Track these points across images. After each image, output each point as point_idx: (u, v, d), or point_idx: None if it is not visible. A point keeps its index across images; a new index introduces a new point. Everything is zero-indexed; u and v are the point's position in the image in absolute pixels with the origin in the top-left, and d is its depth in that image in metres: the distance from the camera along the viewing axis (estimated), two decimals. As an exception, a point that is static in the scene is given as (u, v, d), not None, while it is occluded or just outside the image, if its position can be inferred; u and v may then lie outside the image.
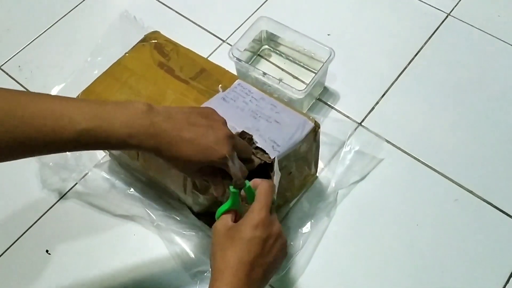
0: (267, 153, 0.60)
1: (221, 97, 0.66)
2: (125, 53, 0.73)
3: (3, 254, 0.76)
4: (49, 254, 0.76)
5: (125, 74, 0.70)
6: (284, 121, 0.64)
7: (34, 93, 0.50)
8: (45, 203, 0.80)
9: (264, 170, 0.60)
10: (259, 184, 0.53)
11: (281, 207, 0.76)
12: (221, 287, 0.47)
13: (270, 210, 0.52)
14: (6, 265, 0.75)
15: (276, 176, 0.58)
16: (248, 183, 0.53)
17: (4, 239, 0.77)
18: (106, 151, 0.81)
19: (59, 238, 0.77)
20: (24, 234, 0.78)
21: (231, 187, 0.52)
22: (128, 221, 0.77)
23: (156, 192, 0.78)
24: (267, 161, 0.60)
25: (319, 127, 0.66)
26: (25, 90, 0.94)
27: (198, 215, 0.74)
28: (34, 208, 0.80)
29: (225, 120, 0.55)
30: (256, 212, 0.50)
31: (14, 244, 0.77)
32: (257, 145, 0.61)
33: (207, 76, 0.69)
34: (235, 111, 0.64)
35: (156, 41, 0.74)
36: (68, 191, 0.81)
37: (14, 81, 0.95)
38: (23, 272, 0.74)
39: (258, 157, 0.60)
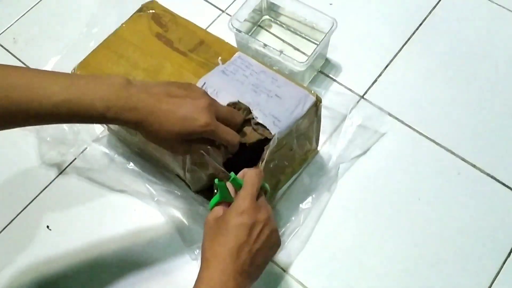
0: (268, 129, 0.59)
1: (221, 70, 0.65)
2: (122, 24, 0.71)
3: (4, 230, 0.76)
4: (50, 229, 0.76)
5: (122, 46, 0.69)
6: (285, 95, 0.62)
7: (11, 66, 0.50)
8: (45, 179, 0.80)
9: (263, 145, 0.59)
10: (246, 173, 0.53)
11: (282, 182, 0.75)
12: (209, 275, 0.47)
13: (258, 196, 0.51)
14: (7, 240, 0.75)
15: (267, 151, 0.58)
16: (233, 175, 0.52)
17: (5, 215, 0.77)
18: (104, 125, 0.81)
19: (59, 214, 0.77)
20: (25, 210, 0.77)
21: (216, 180, 0.52)
22: (128, 196, 0.77)
23: (156, 167, 0.77)
24: (268, 137, 0.59)
25: (320, 102, 0.64)
26: (21, 63, 0.92)
27: (197, 192, 0.73)
28: (34, 183, 0.79)
29: (204, 91, 0.54)
30: (241, 199, 0.50)
31: (15, 220, 0.77)
32: (258, 120, 0.59)
33: (206, 48, 0.68)
34: (235, 84, 0.63)
35: (153, 11, 0.72)
36: (67, 166, 0.80)
37: (9, 54, 0.94)
38: (24, 247, 0.74)
39: (259, 133, 0.59)
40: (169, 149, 0.55)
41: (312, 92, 0.63)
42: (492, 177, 0.75)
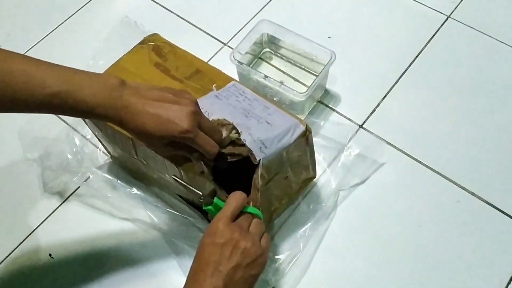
0: (253, 154, 0.60)
1: (214, 94, 0.66)
2: (123, 55, 0.73)
3: (7, 258, 0.76)
4: (52, 258, 0.76)
5: (122, 75, 0.69)
6: (275, 123, 0.63)
7: (8, 51, 0.51)
8: (48, 207, 0.80)
9: (250, 170, 0.60)
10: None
11: (279, 210, 0.76)
12: None
13: (239, 216, 0.54)
14: (10, 269, 0.75)
15: (258, 177, 0.59)
16: (216, 199, 0.55)
17: (8, 243, 0.77)
18: (107, 154, 0.82)
19: (62, 242, 0.77)
20: (28, 238, 0.78)
21: (203, 206, 0.55)
22: (131, 223, 0.77)
23: (157, 194, 0.78)
24: (254, 162, 0.59)
25: (310, 131, 0.65)
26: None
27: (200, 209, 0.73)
28: (37, 211, 0.80)
29: (195, 100, 0.55)
30: (215, 220, 0.53)
31: (18, 248, 0.77)
32: (245, 143, 0.60)
33: (202, 77, 0.70)
34: (227, 108, 0.64)
35: (154, 43, 0.74)
36: (71, 194, 0.81)
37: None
38: (26, 276, 0.74)
39: (243, 154, 0.60)
40: (153, 149, 0.58)
41: (303, 121, 0.64)
42: (491, 205, 0.76)
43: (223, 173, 0.61)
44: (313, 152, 0.71)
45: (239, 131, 0.60)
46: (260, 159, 0.59)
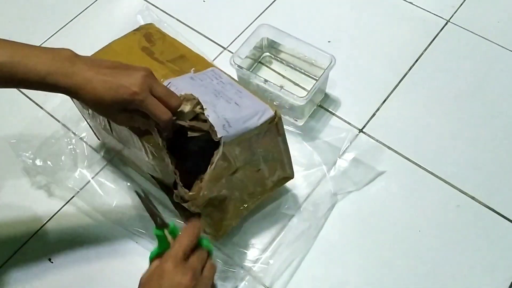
0: (214, 129, 0.57)
1: (189, 76, 0.65)
2: (116, 39, 0.74)
3: (6, 263, 0.76)
4: (52, 262, 0.76)
5: (109, 55, 0.71)
6: (244, 104, 0.61)
7: None
8: (47, 212, 0.80)
9: (207, 150, 0.58)
10: (185, 225, 0.50)
11: (249, 206, 0.73)
12: None
13: (194, 250, 0.48)
14: (9, 274, 0.75)
15: (217, 155, 0.57)
16: (172, 224, 0.50)
17: (8, 247, 0.77)
18: (101, 153, 0.82)
19: (62, 247, 0.77)
20: (27, 243, 0.78)
21: (154, 230, 0.49)
22: (130, 228, 0.77)
23: (156, 199, 0.78)
24: (213, 137, 0.57)
25: (280, 118, 0.62)
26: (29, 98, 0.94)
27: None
28: (37, 216, 0.80)
29: (149, 69, 0.55)
30: (164, 259, 0.47)
31: (17, 253, 0.77)
32: (208, 118, 0.57)
33: (185, 61, 0.70)
34: (199, 89, 0.62)
35: (147, 30, 0.75)
36: (70, 199, 0.81)
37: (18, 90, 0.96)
38: (25, 280, 0.74)
39: (204, 129, 0.58)
40: (109, 118, 0.57)
41: (273, 107, 0.62)
42: (491, 209, 0.76)
43: (185, 151, 0.60)
44: (287, 146, 0.68)
45: (204, 107, 0.58)
46: (221, 137, 0.57)
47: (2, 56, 0.50)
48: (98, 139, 0.84)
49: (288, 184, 0.76)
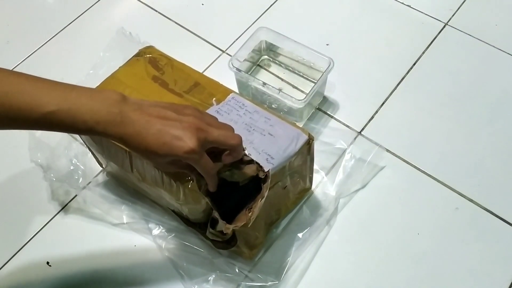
0: (261, 166, 0.59)
1: (215, 110, 0.66)
2: (119, 67, 0.73)
3: (4, 266, 0.76)
4: (50, 266, 0.75)
5: (119, 88, 0.69)
6: (278, 134, 0.64)
7: (7, 70, 0.50)
8: (46, 215, 0.80)
9: (257, 184, 0.59)
10: None
11: (277, 220, 0.76)
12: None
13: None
14: (7, 276, 0.75)
15: (267, 190, 0.58)
16: None
17: (5, 251, 0.77)
18: (103, 166, 0.82)
19: (60, 250, 0.77)
20: (25, 246, 0.77)
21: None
22: (129, 232, 0.77)
23: (154, 206, 0.78)
24: (260, 175, 0.59)
25: (313, 139, 0.65)
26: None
27: (195, 225, 0.73)
28: (35, 220, 0.80)
29: (199, 113, 0.54)
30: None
31: (15, 256, 0.77)
32: (251, 157, 0.60)
33: (201, 90, 0.69)
34: (230, 124, 0.63)
35: (150, 55, 0.73)
36: (68, 202, 0.81)
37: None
38: (23, 284, 0.74)
39: (252, 170, 0.59)
40: (155, 166, 0.57)
41: (305, 130, 0.65)
42: (490, 211, 0.76)
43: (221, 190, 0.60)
44: (313, 161, 0.71)
45: (244, 147, 0.59)
46: (269, 170, 0.59)
47: (49, 106, 0.48)
48: (101, 166, 0.83)
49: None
